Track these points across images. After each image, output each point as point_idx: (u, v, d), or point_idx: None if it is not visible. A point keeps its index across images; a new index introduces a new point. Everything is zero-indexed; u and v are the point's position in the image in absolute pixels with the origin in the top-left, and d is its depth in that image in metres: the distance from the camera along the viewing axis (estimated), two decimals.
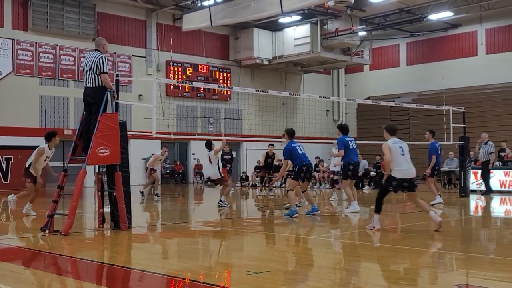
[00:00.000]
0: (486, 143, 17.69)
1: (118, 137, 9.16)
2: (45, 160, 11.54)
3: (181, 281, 5.57)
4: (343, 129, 12.57)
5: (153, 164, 17.48)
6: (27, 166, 11.59)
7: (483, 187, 18.54)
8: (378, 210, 8.94)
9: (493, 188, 18.05)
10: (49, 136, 11.43)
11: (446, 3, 26.58)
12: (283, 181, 24.21)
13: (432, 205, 13.82)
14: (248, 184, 25.63)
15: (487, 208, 14.45)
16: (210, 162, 13.86)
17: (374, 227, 8.79)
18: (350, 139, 12.46)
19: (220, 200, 13.69)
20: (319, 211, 11.69)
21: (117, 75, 10.06)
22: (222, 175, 13.99)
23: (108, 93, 9.14)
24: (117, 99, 9.41)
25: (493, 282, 5.38)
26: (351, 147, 12.23)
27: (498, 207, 15.00)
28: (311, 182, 22.29)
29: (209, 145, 13.93)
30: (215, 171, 13.86)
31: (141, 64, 26.99)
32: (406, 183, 8.81)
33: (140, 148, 24.85)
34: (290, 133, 11.46)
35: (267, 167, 20.78)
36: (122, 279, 5.94)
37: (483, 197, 16.91)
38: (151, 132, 10.66)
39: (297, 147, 11.18)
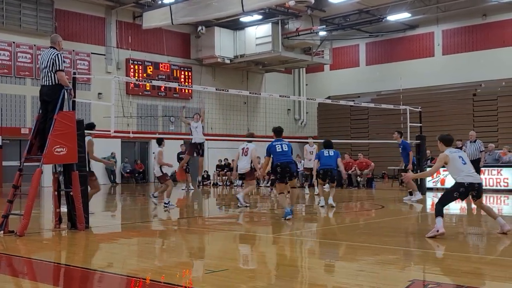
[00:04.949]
0: (474, 141, 17.77)
1: (75, 135, 9.02)
2: None
3: (140, 281, 5.54)
4: (276, 132, 11.93)
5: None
6: None
7: (439, 185, 18.99)
8: (441, 214, 8.22)
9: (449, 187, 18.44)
10: None
11: (404, 4, 27.10)
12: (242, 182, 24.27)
13: (414, 201, 14.25)
14: (210, 183, 25.58)
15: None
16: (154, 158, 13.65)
17: (438, 231, 8.05)
18: (279, 142, 11.75)
19: (165, 202, 13.44)
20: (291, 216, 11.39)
21: (74, 73, 9.92)
22: (164, 173, 13.52)
23: (65, 91, 9.00)
24: (74, 97, 9.27)
25: (445, 277, 5.53)
26: (279, 150, 11.59)
27: (453, 205, 15.34)
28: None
29: (160, 142, 13.70)
30: (158, 169, 13.51)
31: (101, 62, 26.62)
32: (475, 191, 8.20)
33: (99, 147, 24.44)
34: (275, 132, 11.24)
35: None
36: (80, 280, 5.86)
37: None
38: (110, 131, 10.53)
39: (277, 145, 10.83)
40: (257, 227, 10.45)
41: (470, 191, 8.16)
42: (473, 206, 11.73)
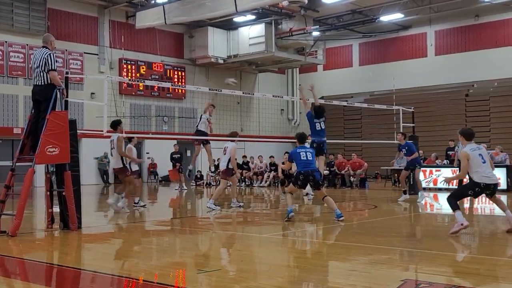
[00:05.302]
0: None
1: (68, 135, 8.99)
2: None
3: (133, 281, 5.53)
4: (300, 138, 12.09)
5: None
6: None
7: (432, 185, 19.10)
8: (457, 207, 8.26)
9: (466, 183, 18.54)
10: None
11: (396, 5, 27.18)
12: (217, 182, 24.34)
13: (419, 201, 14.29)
14: (203, 183, 25.57)
15: (436, 206, 14.87)
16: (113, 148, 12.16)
17: (462, 224, 8.07)
18: (304, 149, 11.87)
19: (134, 202, 13.31)
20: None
21: (67, 73, 9.89)
22: (124, 165, 12.35)
23: (57, 90, 8.98)
24: (67, 96, 9.25)
25: (436, 277, 5.56)
26: (303, 158, 11.78)
27: (445, 204, 15.40)
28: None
29: (114, 125, 12.24)
30: (117, 161, 12.34)
31: (94, 62, 26.56)
32: (489, 191, 8.30)
33: (92, 147, 24.51)
34: (299, 138, 10.77)
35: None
36: (72, 280, 5.85)
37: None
38: (102, 131, 10.52)
39: (301, 153, 10.38)
40: (250, 227, 10.46)
41: (485, 191, 8.28)
42: (466, 205, 11.77)
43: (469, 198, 11.07)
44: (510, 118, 25.89)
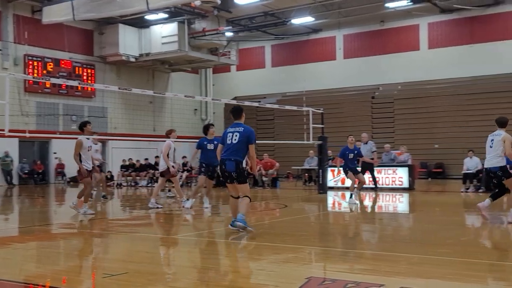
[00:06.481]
0: (366, 143, 18.43)
1: None
2: None
3: (38, 287, 5.32)
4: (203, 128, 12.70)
5: None
6: None
7: (340, 184, 19.75)
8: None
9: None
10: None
11: (307, 8, 27.87)
12: (150, 180, 24.00)
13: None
14: (113, 183, 25.00)
15: (343, 205, 15.37)
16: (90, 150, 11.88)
17: None
18: (207, 141, 12.40)
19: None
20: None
21: None
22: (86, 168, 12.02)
23: None
24: None
25: (340, 274, 5.76)
26: (209, 148, 12.22)
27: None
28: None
29: (81, 127, 11.79)
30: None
31: None
32: (492, 174, 9.59)
33: None
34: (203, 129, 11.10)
35: None
36: None
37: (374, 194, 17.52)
38: (3, 130, 10.03)
39: (207, 143, 10.98)
40: (161, 229, 10.36)
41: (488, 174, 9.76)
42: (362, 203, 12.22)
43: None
44: (413, 119, 27.28)
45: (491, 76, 26.73)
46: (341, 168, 14.35)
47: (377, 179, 18.78)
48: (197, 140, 12.67)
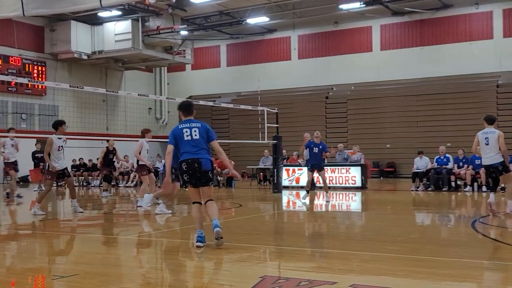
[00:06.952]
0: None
1: None
2: None
3: None
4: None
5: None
6: None
7: (294, 183, 19.93)
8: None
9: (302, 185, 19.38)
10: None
11: (262, 8, 27.97)
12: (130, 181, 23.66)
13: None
14: (64, 183, 24.43)
15: (298, 204, 15.51)
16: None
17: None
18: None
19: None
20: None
21: None
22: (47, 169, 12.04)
23: None
24: None
25: (294, 272, 5.81)
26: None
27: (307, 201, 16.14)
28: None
29: (55, 126, 11.73)
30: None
31: None
32: (492, 169, 10.19)
33: None
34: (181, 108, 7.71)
35: (108, 164, 19.01)
36: None
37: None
38: None
39: (184, 130, 7.42)
40: (114, 229, 10.21)
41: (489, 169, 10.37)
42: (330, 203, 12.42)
43: None
44: (366, 119, 27.75)
45: (440, 78, 27.45)
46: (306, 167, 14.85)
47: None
48: (151, 140, 12.60)
